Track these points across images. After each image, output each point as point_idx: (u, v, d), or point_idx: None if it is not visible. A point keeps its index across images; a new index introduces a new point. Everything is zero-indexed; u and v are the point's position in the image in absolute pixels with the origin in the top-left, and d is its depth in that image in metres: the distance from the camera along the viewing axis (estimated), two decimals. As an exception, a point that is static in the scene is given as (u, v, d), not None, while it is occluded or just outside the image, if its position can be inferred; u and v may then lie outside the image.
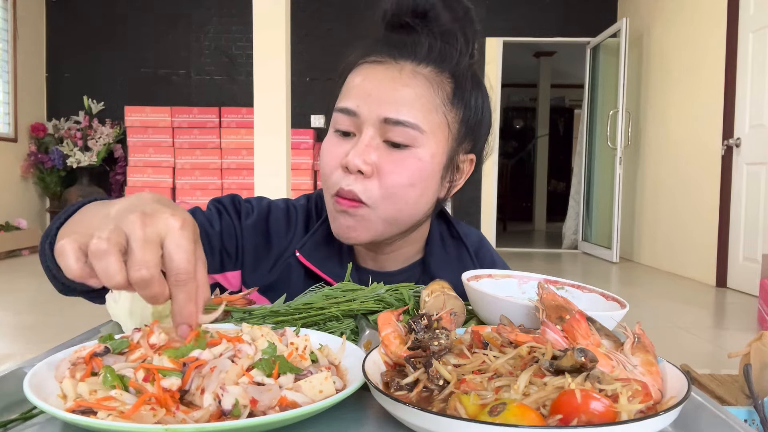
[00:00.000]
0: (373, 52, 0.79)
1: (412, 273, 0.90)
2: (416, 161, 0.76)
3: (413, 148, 0.76)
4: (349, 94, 0.78)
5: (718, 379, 1.46)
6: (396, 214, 0.78)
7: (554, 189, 11.11)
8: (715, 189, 4.63)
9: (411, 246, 0.89)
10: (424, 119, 0.75)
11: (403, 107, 0.75)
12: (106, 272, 0.45)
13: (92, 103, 6.63)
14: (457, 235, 0.93)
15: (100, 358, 0.48)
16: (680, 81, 5.23)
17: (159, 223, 0.47)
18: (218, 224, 0.86)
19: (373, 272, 0.89)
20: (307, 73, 6.54)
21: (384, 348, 0.52)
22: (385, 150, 0.76)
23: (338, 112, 0.78)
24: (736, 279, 4.46)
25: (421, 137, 0.75)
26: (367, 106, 0.75)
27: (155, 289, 0.46)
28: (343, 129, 0.78)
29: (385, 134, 0.76)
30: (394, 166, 0.75)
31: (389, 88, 0.75)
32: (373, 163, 0.75)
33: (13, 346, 2.82)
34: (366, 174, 0.75)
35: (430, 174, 0.78)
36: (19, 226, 5.82)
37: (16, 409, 0.47)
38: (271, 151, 4.19)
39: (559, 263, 6.12)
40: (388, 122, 0.75)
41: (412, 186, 0.76)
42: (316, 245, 0.87)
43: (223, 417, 0.41)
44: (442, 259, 0.89)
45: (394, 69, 0.77)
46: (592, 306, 0.69)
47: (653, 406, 0.44)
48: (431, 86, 0.77)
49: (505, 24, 6.55)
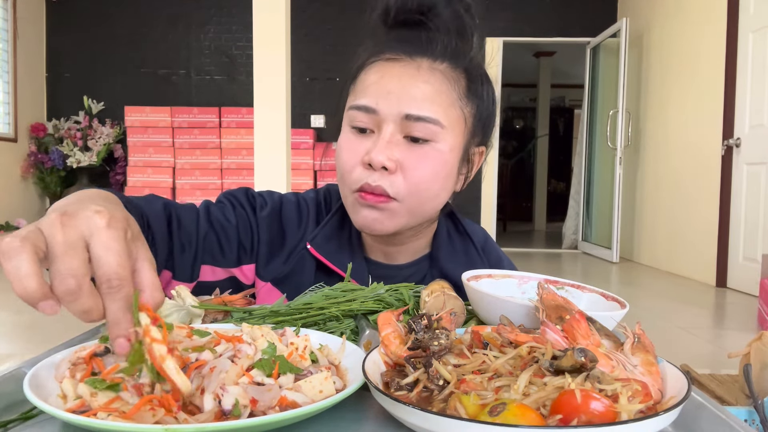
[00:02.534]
0: (387, 49, 0.79)
1: (420, 267, 0.91)
2: (438, 155, 0.77)
3: (433, 143, 0.77)
4: (367, 91, 0.78)
5: (718, 379, 1.46)
6: (420, 207, 0.80)
7: (554, 189, 11.11)
8: (715, 189, 4.63)
9: (420, 240, 0.90)
10: (444, 114, 0.77)
11: (424, 103, 0.75)
12: (17, 274, 0.37)
13: (92, 103, 6.63)
14: (464, 230, 0.95)
15: (100, 358, 0.48)
16: (680, 81, 5.23)
17: (81, 224, 0.40)
18: (233, 218, 0.86)
19: (383, 265, 0.90)
20: (307, 73, 6.54)
21: (384, 348, 0.52)
22: (406, 146, 0.77)
23: (355, 109, 0.78)
24: (736, 279, 4.46)
25: (441, 132, 0.77)
26: (387, 103, 0.76)
27: (85, 301, 0.39)
28: (361, 126, 0.78)
29: (406, 130, 0.76)
30: (417, 161, 0.76)
31: (409, 85, 0.76)
32: (397, 160, 0.76)
33: (13, 346, 2.82)
34: (390, 170, 0.76)
35: (451, 167, 0.80)
36: (19, 226, 5.82)
37: (16, 409, 0.47)
38: (271, 151, 4.19)
39: (559, 263, 6.12)
40: (409, 118, 0.76)
41: (435, 179, 0.78)
42: (326, 238, 0.88)
43: (223, 417, 0.41)
44: (449, 252, 0.90)
45: (411, 66, 0.77)
46: (592, 306, 0.69)
47: (653, 406, 0.44)
48: (449, 82, 0.78)
49: (505, 24, 6.55)
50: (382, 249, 0.90)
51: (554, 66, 9.71)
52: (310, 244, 0.87)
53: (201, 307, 0.67)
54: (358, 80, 0.81)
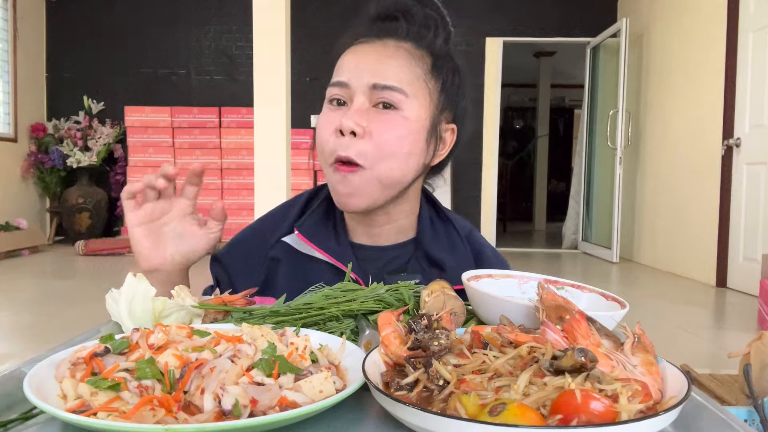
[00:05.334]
0: (361, 35, 0.90)
1: (406, 250, 0.95)
2: (403, 119, 0.84)
3: (399, 111, 0.84)
4: (340, 69, 0.88)
5: (718, 379, 1.46)
6: (389, 173, 0.85)
7: (554, 189, 11.11)
8: (715, 189, 4.63)
9: (401, 221, 0.95)
10: (408, 84, 0.85)
11: (389, 74, 0.84)
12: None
13: (92, 103, 6.63)
14: (445, 217, 1.00)
15: (100, 358, 0.48)
16: (680, 81, 5.23)
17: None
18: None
19: (367, 247, 0.95)
20: (307, 73, 6.54)
21: (384, 348, 0.52)
22: (375, 113, 0.84)
23: (331, 86, 0.87)
24: (736, 279, 4.46)
25: (406, 100, 0.84)
26: (356, 77, 0.85)
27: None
28: (336, 98, 0.87)
29: (374, 99, 0.84)
30: (383, 125, 0.84)
31: (375, 60, 0.85)
32: (364, 126, 0.83)
33: (13, 346, 2.83)
34: (359, 135, 0.83)
35: (417, 132, 0.86)
36: (19, 226, 5.82)
37: (16, 409, 0.47)
38: (271, 151, 4.19)
39: (559, 263, 6.12)
40: (376, 88, 0.84)
41: (401, 143, 0.84)
42: (313, 224, 0.95)
43: (223, 417, 0.41)
44: (432, 237, 0.95)
45: (378, 44, 0.88)
46: (592, 306, 0.69)
47: (653, 406, 0.44)
48: (412, 58, 0.87)
49: (505, 24, 6.55)
50: (365, 231, 0.95)
51: (554, 66, 9.70)
52: (298, 230, 0.93)
53: (201, 307, 0.67)
54: (336, 65, 0.90)
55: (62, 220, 6.51)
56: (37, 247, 5.93)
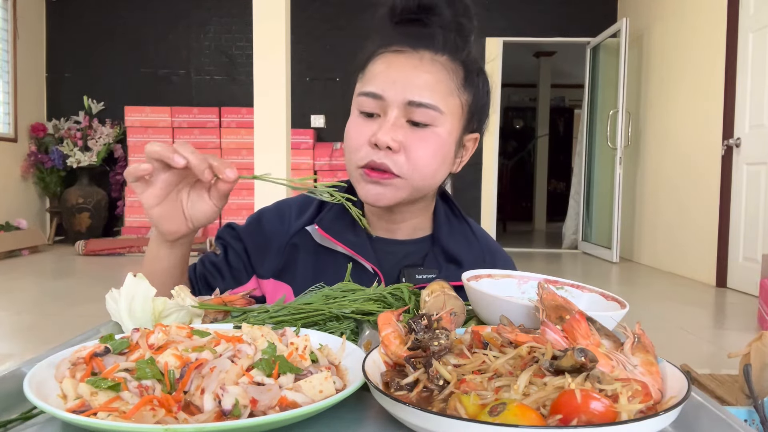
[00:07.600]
0: (393, 42, 0.88)
1: (423, 245, 0.98)
2: (437, 138, 0.86)
3: (433, 127, 0.85)
4: (374, 79, 0.86)
5: (718, 379, 1.46)
6: (421, 184, 0.88)
7: (554, 189, 11.11)
8: (715, 189, 4.63)
9: (418, 218, 0.98)
10: (443, 101, 0.85)
11: (425, 91, 0.84)
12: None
13: (92, 103, 6.63)
14: (459, 214, 1.03)
15: (100, 358, 0.48)
16: (680, 81, 5.23)
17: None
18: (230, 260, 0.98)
19: (385, 240, 0.97)
20: (307, 73, 6.54)
21: (384, 348, 0.52)
22: (409, 129, 0.85)
23: (364, 96, 0.86)
24: (736, 279, 4.45)
25: (441, 117, 0.85)
26: (392, 91, 0.84)
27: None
28: (368, 111, 0.87)
29: (409, 115, 0.85)
30: (418, 143, 0.85)
31: (412, 75, 0.84)
32: (400, 141, 0.84)
33: (13, 346, 2.83)
34: (394, 149, 0.84)
35: (448, 149, 0.88)
36: (19, 226, 5.82)
37: (16, 409, 0.47)
38: (271, 151, 4.19)
39: (559, 263, 6.12)
40: (411, 104, 0.84)
41: (434, 159, 0.86)
42: (332, 219, 0.97)
43: (223, 417, 0.41)
44: (449, 232, 0.98)
45: (414, 57, 0.86)
46: (592, 306, 0.69)
47: (653, 406, 0.44)
48: (448, 72, 0.86)
49: (505, 24, 6.54)
50: (383, 226, 0.97)
51: (554, 66, 9.70)
52: (318, 225, 0.95)
53: (201, 307, 0.67)
54: (366, 70, 0.89)
55: (62, 220, 6.52)
56: (37, 247, 5.93)
